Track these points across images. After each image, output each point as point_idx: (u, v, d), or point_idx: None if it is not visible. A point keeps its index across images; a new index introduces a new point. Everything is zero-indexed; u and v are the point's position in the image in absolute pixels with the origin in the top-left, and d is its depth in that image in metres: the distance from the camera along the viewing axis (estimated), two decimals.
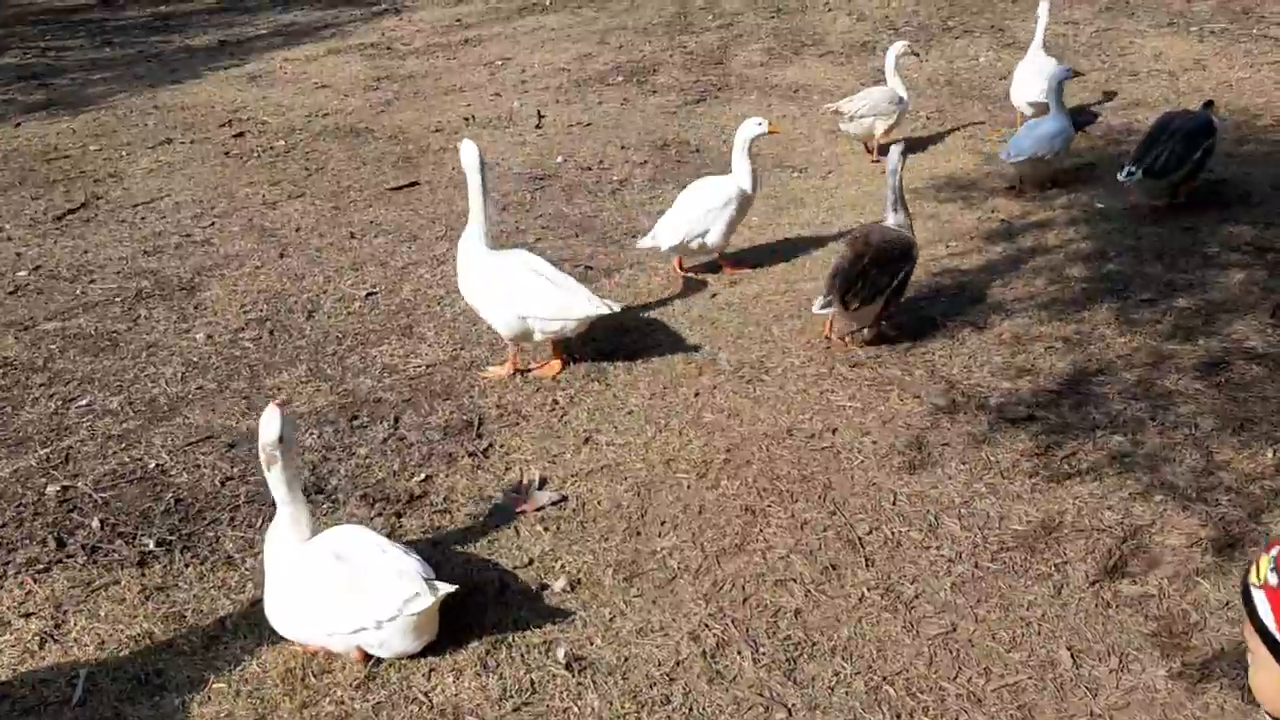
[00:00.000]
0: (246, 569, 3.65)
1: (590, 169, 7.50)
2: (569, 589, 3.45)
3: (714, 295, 5.42)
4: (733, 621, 3.26)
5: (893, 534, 3.58)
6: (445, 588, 3.07)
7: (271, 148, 8.36)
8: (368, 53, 11.25)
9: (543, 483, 4.01)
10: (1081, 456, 3.91)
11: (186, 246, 6.51)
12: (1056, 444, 3.99)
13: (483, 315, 4.75)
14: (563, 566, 3.56)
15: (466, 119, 8.81)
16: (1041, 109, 7.46)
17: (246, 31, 12.63)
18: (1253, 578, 1.75)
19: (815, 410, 4.33)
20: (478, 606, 3.41)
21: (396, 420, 4.52)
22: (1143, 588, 3.27)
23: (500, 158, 7.84)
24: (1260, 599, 1.73)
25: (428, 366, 4.95)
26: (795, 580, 3.41)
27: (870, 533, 3.59)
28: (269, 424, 3.14)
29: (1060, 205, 6.23)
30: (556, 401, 4.56)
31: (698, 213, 5.44)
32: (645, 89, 9.27)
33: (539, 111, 8.79)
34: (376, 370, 4.94)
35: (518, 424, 4.42)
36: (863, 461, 3.98)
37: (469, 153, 4.66)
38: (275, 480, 3.21)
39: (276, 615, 3.25)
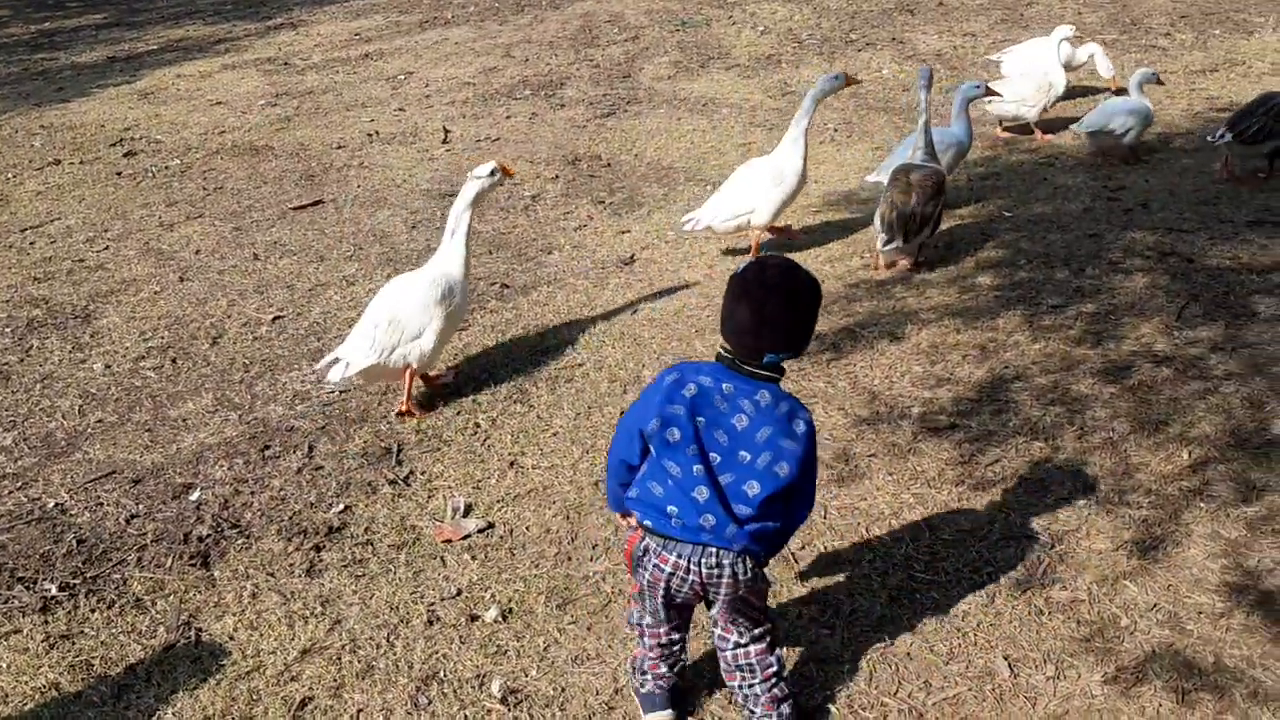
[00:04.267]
0: (157, 612, 3.47)
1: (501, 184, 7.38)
2: (500, 619, 3.35)
3: (635, 311, 5.37)
4: None
5: (826, 548, 3.56)
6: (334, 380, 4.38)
7: (166, 167, 8.08)
8: (265, 68, 10.97)
9: (468, 510, 3.90)
10: (1004, 464, 3.95)
11: (79, 272, 6.23)
12: (979, 452, 4.03)
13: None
14: (493, 596, 3.46)
15: (370, 135, 8.64)
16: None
17: (136, 47, 12.22)
18: None
19: None
20: (406, 642, 3.29)
21: (311, 449, 4.36)
22: (1072, 593, 3.30)
23: (407, 174, 7.69)
24: None
25: (341, 392, 4.79)
26: None
27: (803, 548, 3.57)
28: (483, 166, 4.70)
29: (969, 214, 6.33)
30: (479, 425, 4.45)
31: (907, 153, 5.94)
32: (553, 103, 9.20)
33: (445, 127, 8.66)
34: (287, 397, 4.77)
35: (439, 449, 4.30)
36: None
37: None
38: (456, 211, 4.66)
39: None
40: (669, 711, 2.88)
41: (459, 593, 3.48)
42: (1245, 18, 9.83)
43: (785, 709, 2.78)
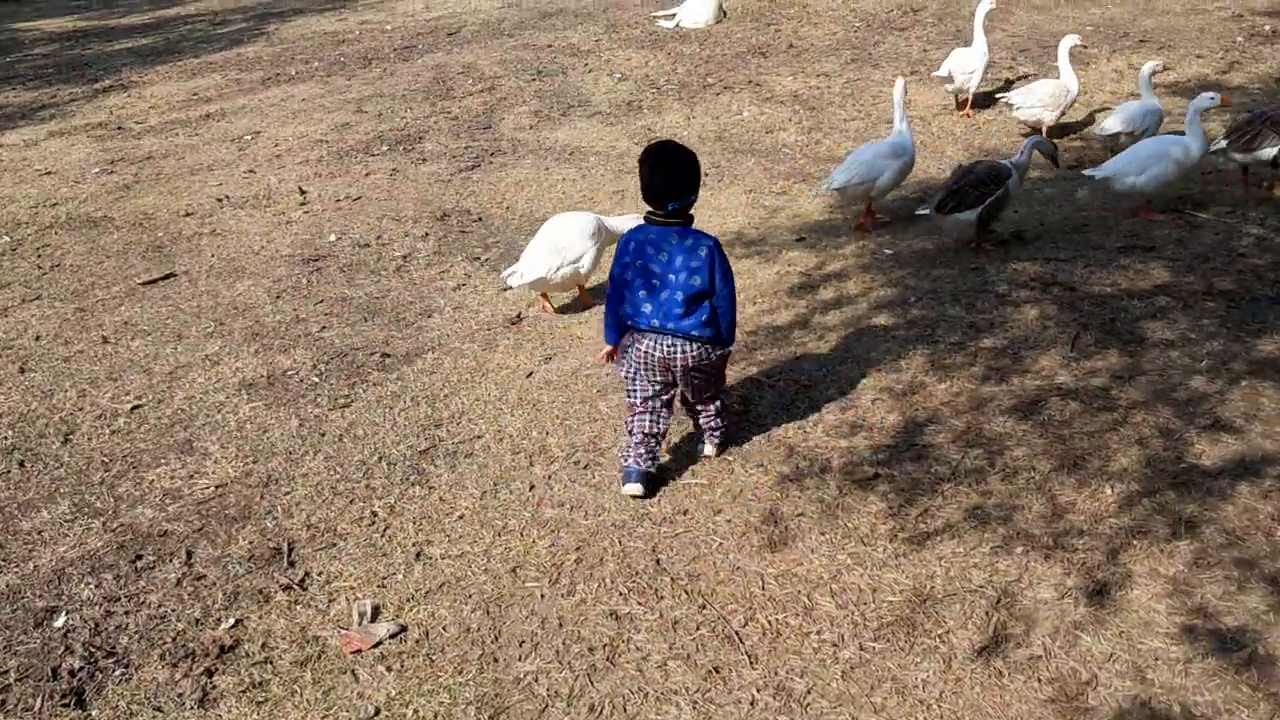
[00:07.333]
0: None
1: (368, 246, 7.04)
2: None
3: (530, 374, 5.10)
4: None
5: (770, 623, 3.36)
6: (514, 285, 5.60)
7: None
8: (96, 133, 10.29)
9: (375, 612, 3.56)
10: (934, 513, 3.84)
11: None
12: (908, 502, 3.91)
13: None
14: (415, 712, 3.13)
15: (220, 199, 8.14)
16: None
17: None
18: None
19: (661, 491, 4.08)
20: None
21: (189, 555, 3.93)
22: (1029, 650, 3.19)
23: (265, 240, 7.25)
24: None
25: (217, 487, 4.37)
26: (679, 692, 3.12)
27: (746, 624, 3.36)
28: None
29: (852, 253, 6.31)
30: (375, 513, 4.11)
31: (1142, 157, 6.23)
32: (414, 157, 8.88)
33: (300, 188, 8.23)
34: (156, 497, 4.32)
35: (334, 545, 3.94)
36: (721, 544, 3.76)
37: None
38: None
39: None
40: (639, 486, 4.01)
41: (376, 711, 3.14)
42: (1080, 49, 10.23)
43: (716, 437, 4.28)
